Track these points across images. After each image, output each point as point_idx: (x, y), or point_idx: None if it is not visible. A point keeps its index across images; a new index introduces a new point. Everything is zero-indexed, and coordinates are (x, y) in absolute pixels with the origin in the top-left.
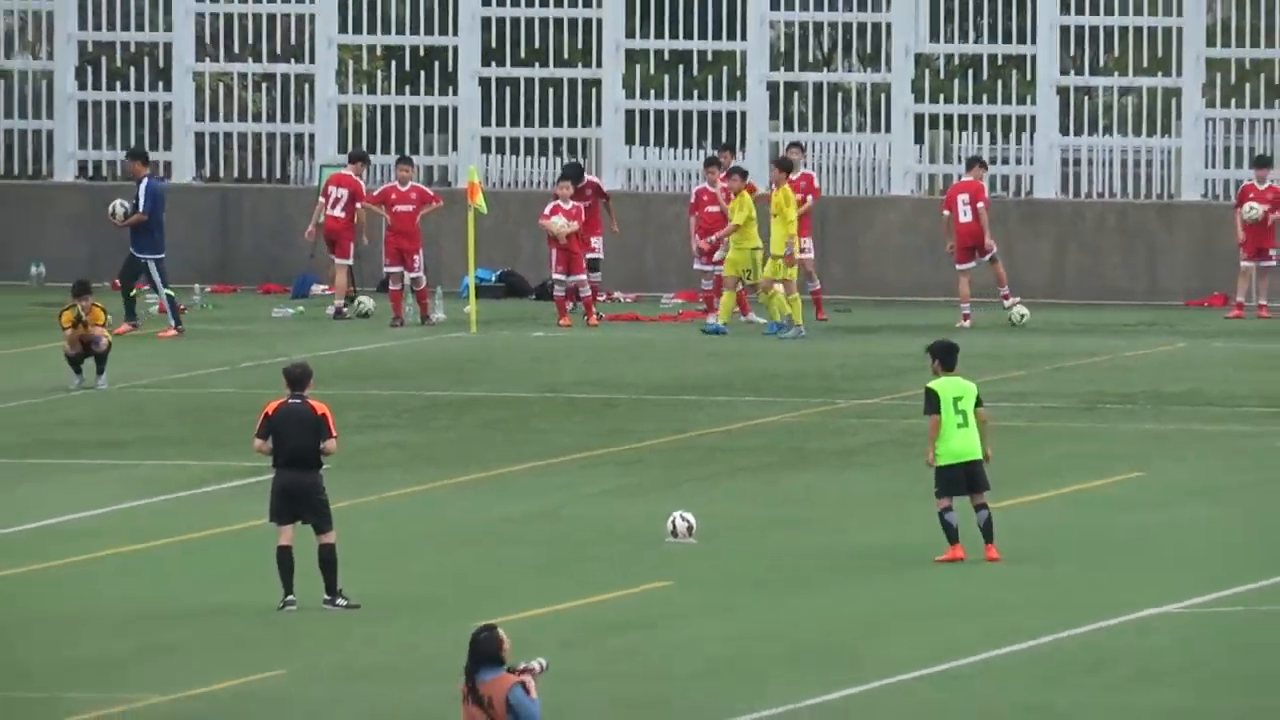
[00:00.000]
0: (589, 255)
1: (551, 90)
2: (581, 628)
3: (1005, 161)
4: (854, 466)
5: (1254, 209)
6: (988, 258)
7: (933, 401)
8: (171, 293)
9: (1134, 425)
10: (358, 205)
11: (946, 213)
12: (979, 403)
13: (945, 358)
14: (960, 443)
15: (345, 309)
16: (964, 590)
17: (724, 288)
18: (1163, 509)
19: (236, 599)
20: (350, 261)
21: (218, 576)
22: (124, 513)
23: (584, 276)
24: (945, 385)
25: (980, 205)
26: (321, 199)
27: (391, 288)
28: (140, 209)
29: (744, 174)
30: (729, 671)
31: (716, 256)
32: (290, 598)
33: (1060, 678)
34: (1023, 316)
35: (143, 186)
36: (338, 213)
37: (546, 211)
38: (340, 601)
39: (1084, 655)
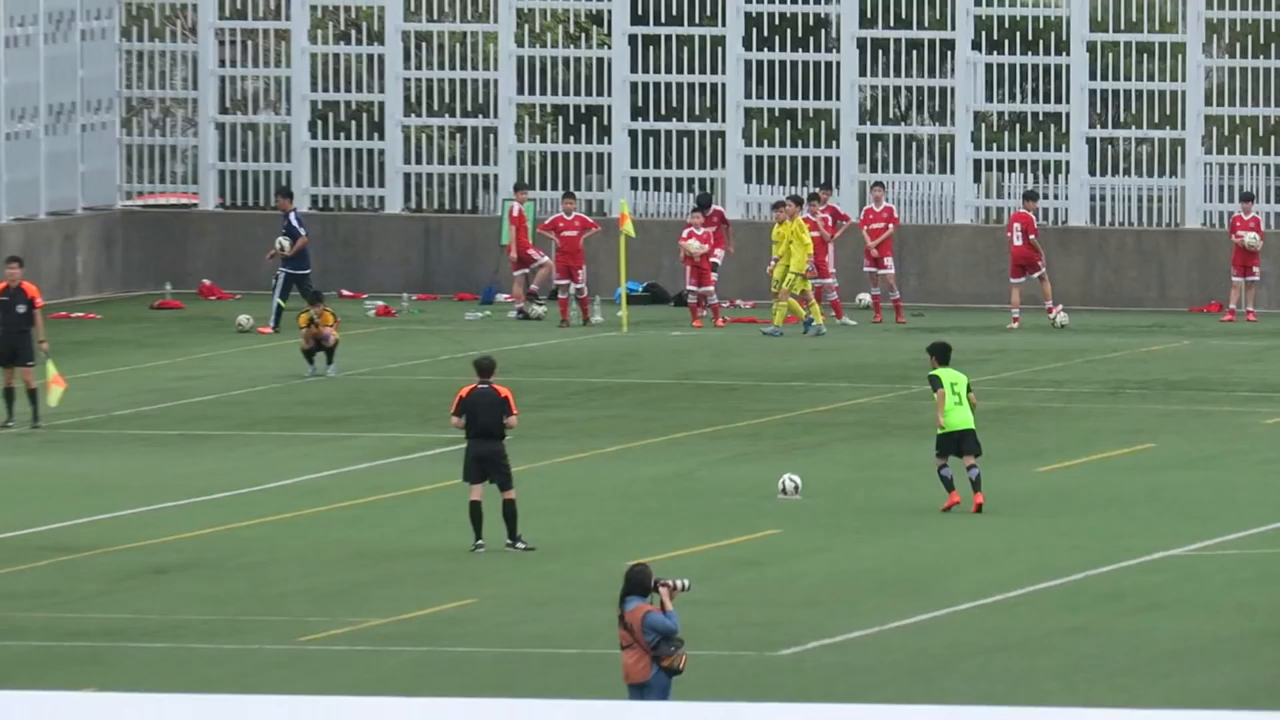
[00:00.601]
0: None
1: (685, 139)
2: (710, 565)
3: (1046, 197)
4: (925, 438)
5: (1254, 238)
6: (1037, 274)
7: (936, 383)
8: (283, 303)
9: (1148, 406)
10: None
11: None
12: (969, 389)
13: (941, 354)
14: (955, 417)
15: (527, 311)
16: (1009, 536)
17: (781, 299)
18: (1170, 472)
19: (437, 543)
20: (526, 273)
21: (422, 525)
22: (348, 474)
23: (712, 288)
24: (943, 373)
25: (1032, 236)
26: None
27: (560, 296)
28: (300, 235)
29: (799, 201)
30: (827, 600)
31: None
32: (480, 542)
33: (1087, 606)
34: (1064, 322)
35: (292, 216)
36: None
37: (683, 235)
38: (520, 544)
39: (1106, 588)
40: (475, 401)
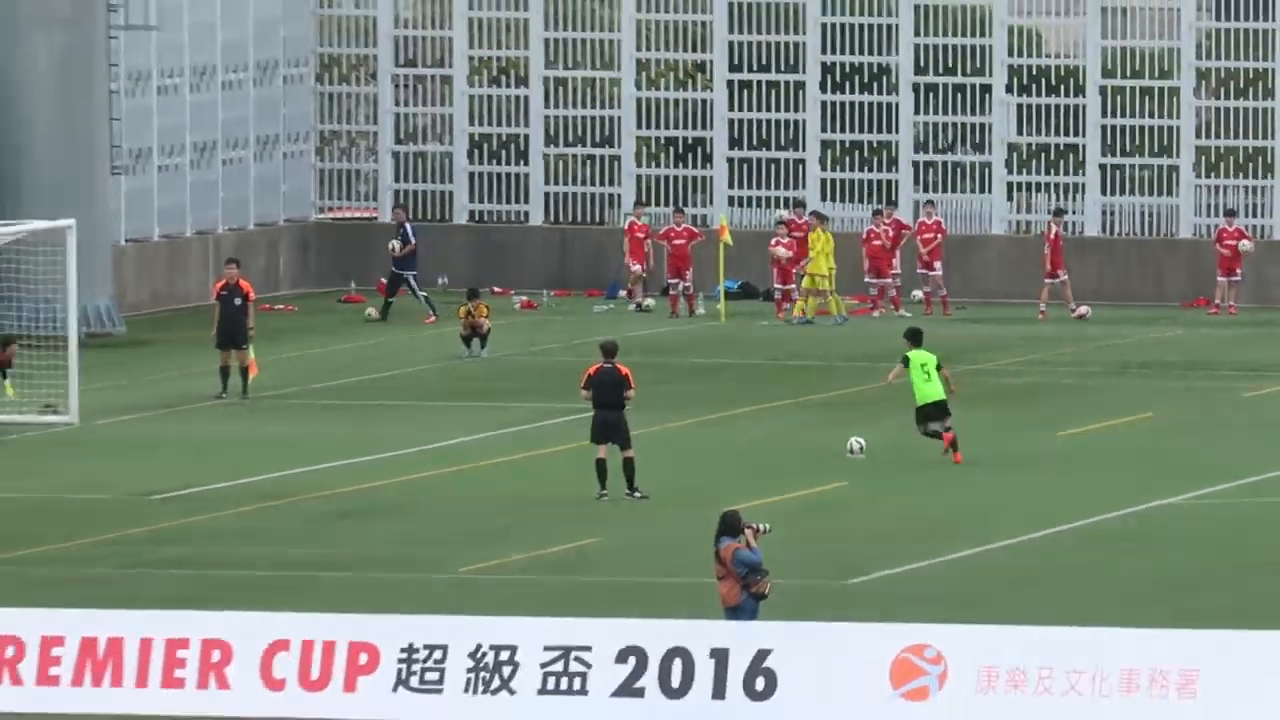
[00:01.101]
0: (799, 272)
1: (773, 166)
2: (790, 510)
3: (1067, 213)
4: (972, 409)
5: (1248, 245)
6: (1060, 279)
7: (905, 362)
8: (427, 294)
9: (1147, 382)
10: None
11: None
12: (939, 365)
13: (914, 338)
14: (926, 390)
15: (643, 304)
16: (1035, 489)
17: (806, 296)
18: (1166, 436)
19: (568, 493)
20: (644, 273)
21: (556, 478)
22: (497, 436)
23: (794, 286)
24: (915, 355)
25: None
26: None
27: (671, 293)
28: (410, 243)
29: (822, 217)
30: (888, 540)
31: (805, 267)
32: (604, 491)
33: (1096, 546)
34: (1085, 314)
35: (408, 228)
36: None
37: (772, 243)
38: (636, 494)
39: (1114, 530)
40: (601, 378)
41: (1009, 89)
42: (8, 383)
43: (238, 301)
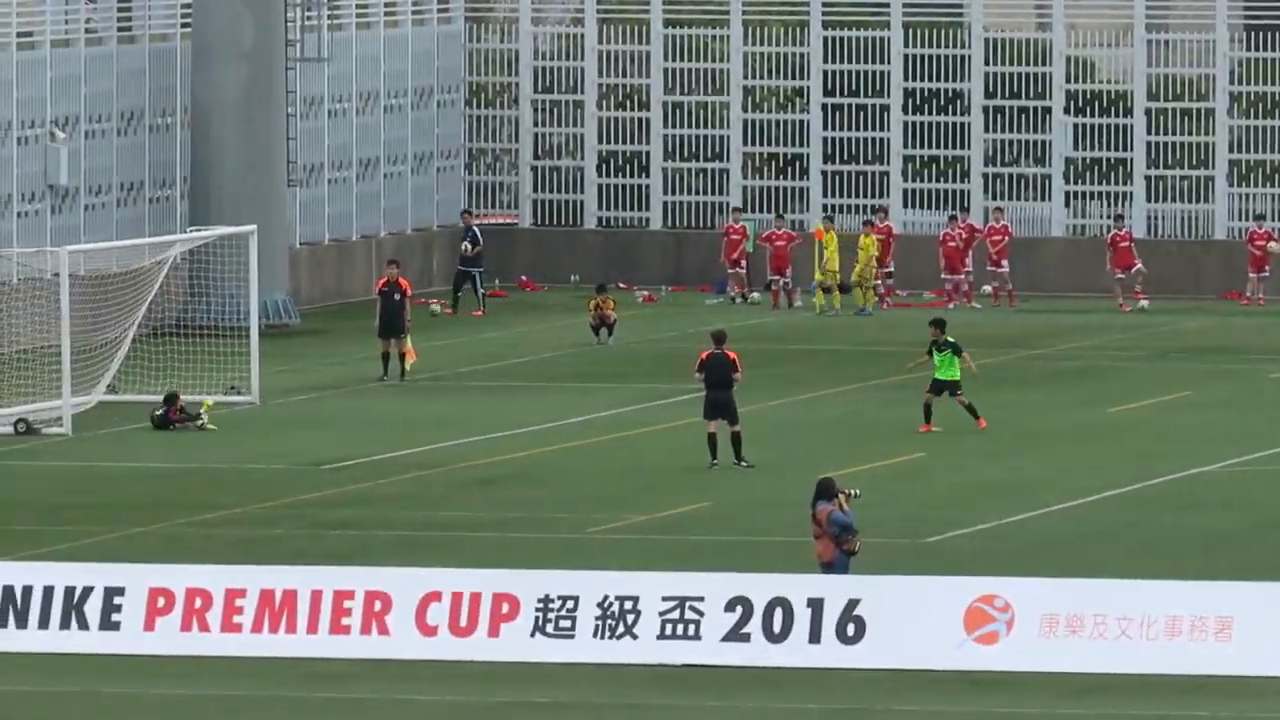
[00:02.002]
0: (887, 268)
1: (861, 178)
2: (871, 478)
3: (1125, 218)
4: (1033, 388)
5: (1277, 246)
6: (1132, 272)
7: (930, 349)
8: (485, 291)
9: (1186, 365)
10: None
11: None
12: (958, 350)
13: (939, 325)
14: (943, 371)
15: (748, 297)
16: (1088, 458)
17: (825, 290)
18: (1203, 411)
19: (683, 462)
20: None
21: (673, 449)
22: (622, 413)
23: (880, 281)
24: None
25: (1123, 244)
26: (735, 237)
27: (773, 288)
28: (479, 244)
29: (870, 223)
30: (959, 504)
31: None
32: (715, 461)
33: (1142, 507)
34: (1144, 307)
35: (475, 229)
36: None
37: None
38: (743, 464)
39: (1156, 494)
40: (712, 362)
41: (1067, 110)
42: (206, 412)
43: (397, 297)
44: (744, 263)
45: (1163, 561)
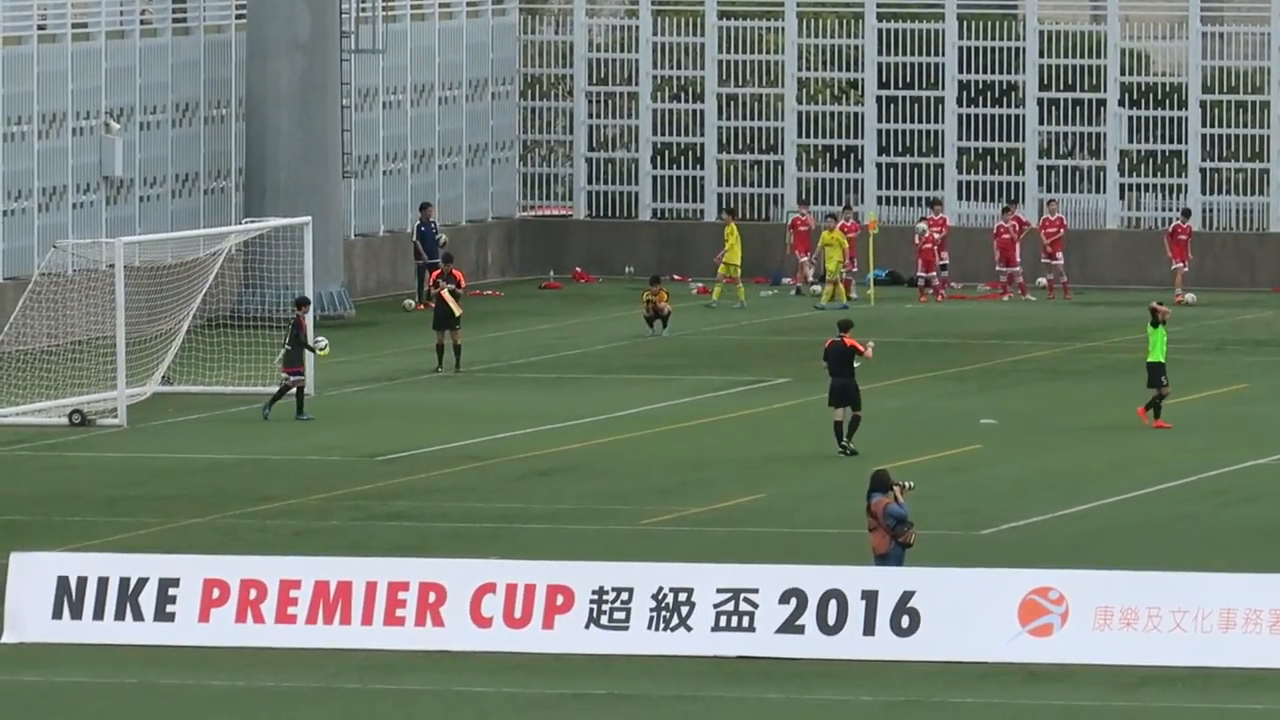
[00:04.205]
0: (942, 262)
1: (916, 170)
2: (930, 469)
3: (1169, 210)
4: (1087, 380)
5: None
6: (1184, 265)
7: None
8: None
9: (1242, 358)
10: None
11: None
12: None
13: (1154, 316)
14: (1157, 353)
15: (805, 290)
16: (1144, 450)
17: (826, 284)
18: (1259, 405)
19: (739, 454)
20: (807, 259)
21: (727, 441)
22: (675, 405)
23: (934, 274)
24: (1155, 332)
25: (1182, 238)
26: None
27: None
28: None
29: (835, 217)
30: (1014, 497)
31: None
32: (841, 448)
33: (1199, 500)
34: (1192, 300)
35: (431, 224)
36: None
37: (917, 239)
38: (850, 447)
39: (1212, 487)
40: (832, 350)
41: (1121, 103)
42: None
43: (451, 287)
44: (812, 254)
45: (1218, 554)
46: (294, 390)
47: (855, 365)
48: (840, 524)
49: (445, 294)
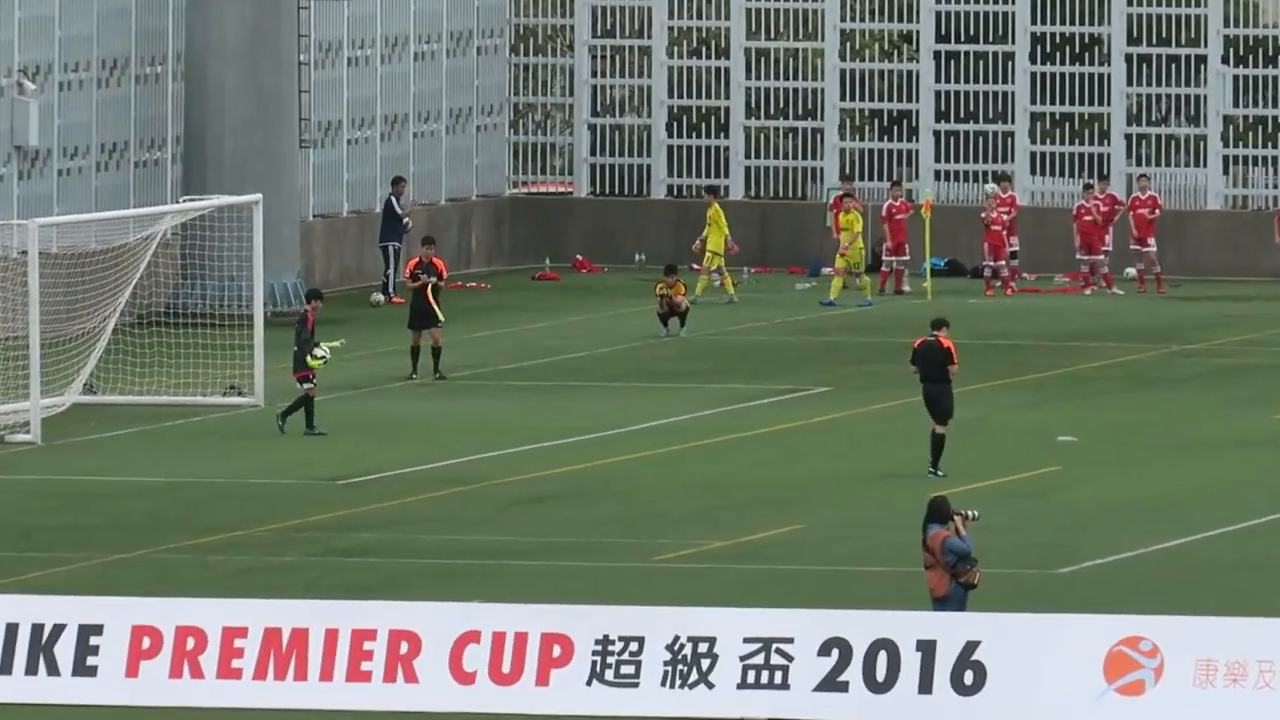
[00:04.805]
0: (1011, 249)
1: (980, 139)
2: (1000, 495)
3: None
4: (1186, 390)
5: None
6: None
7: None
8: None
9: None
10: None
11: None
12: None
13: None
14: None
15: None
16: (1248, 472)
17: (836, 274)
18: None
19: (772, 476)
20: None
21: (758, 461)
22: (695, 418)
23: (1004, 262)
24: None
25: None
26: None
27: (883, 269)
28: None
29: (852, 195)
30: (1098, 526)
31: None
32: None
33: None
34: None
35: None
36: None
37: (983, 215)
38: (938, 473)
39: None
40: (923, 351)
41: (1225, 59)
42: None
43: (434, 281)
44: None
45: None
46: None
47: (951, 371)
48: (891, 560)
49: (427, 289)
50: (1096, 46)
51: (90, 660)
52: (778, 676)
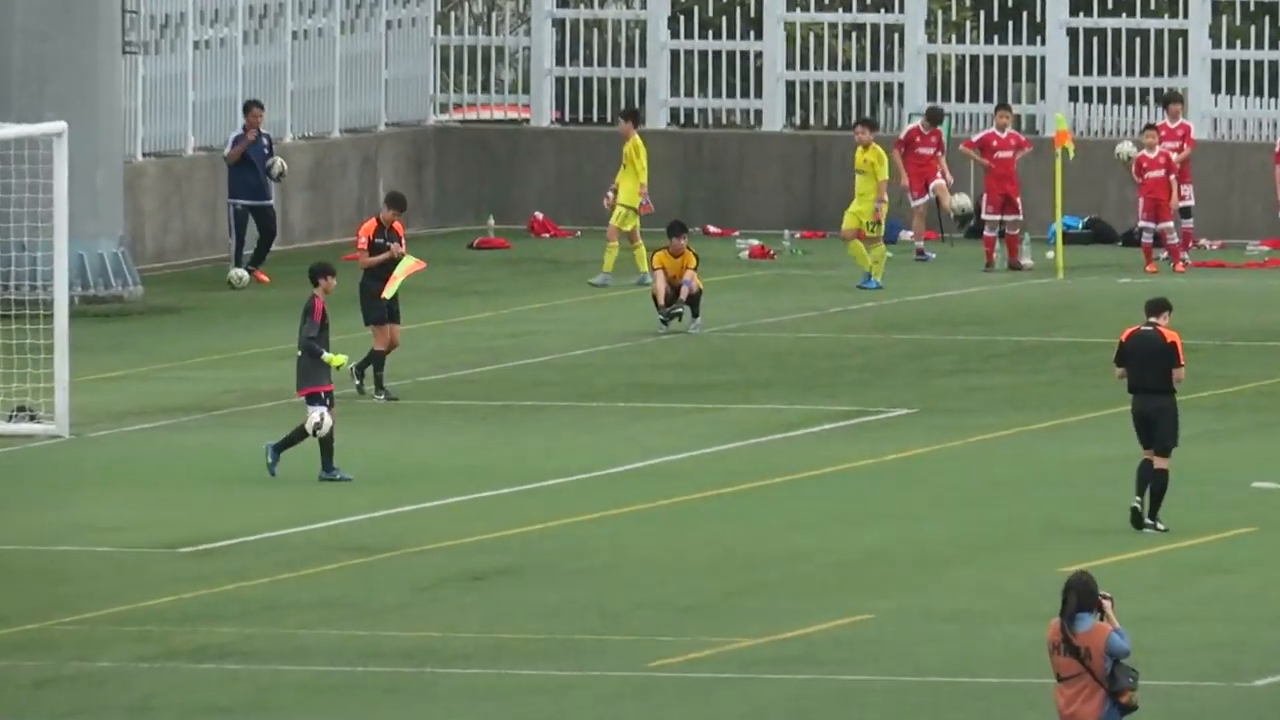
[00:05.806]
0: (1182, 204)
1: (1138, 39)
2: (1169, 571)
3: None
4: None
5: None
6: None
7: None
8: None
9: None
10: (962, 149)
11: None
12: None
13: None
14: None
15: (924, 251)
16: None
17: (845, 239)
18: None
19: (824, 543)
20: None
21: (805, 520)
22: (715, 455)
23: (1171, 224)
24: None
25: None
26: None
27: (986, 234)
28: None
29: (867, 124)
30: None
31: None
32: (1147, 517)
33: None
34: None
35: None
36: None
37: (1125, 155)
38: (1159, 525)
39: None
40: (1134, 346)
41: None
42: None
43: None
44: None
45: None
46: (317, 429)
47: (1176, 378)
48: (1001, 667)
49: (405, 264)
50: None
51: None
52: None
